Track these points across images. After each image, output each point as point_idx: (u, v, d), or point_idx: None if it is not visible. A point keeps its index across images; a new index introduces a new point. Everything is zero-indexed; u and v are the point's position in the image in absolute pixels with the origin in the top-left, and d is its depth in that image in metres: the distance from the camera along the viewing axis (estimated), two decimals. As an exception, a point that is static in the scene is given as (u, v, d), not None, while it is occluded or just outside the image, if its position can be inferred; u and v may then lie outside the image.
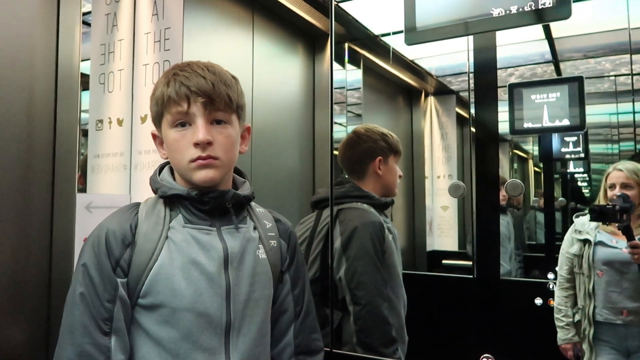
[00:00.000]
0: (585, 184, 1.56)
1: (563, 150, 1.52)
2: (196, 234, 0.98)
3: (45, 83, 1.75)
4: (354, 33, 2.03)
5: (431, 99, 2.18)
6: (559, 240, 1.48)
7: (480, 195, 1.41)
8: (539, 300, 1.44)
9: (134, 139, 1.66)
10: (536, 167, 1.80)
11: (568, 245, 1.44)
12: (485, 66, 1.41)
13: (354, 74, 2.09)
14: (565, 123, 1.41)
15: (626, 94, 1.45)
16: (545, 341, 1.43)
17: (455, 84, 2.14)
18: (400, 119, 2.21)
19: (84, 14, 1.79)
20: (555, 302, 1.42)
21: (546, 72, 1.65)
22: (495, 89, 1.40)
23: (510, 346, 1.36)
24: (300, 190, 2.46)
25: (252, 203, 1.10)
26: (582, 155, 1.50)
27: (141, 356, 0.94)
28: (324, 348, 1.15)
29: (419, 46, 1.50)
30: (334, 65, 1.75)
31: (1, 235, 1.61)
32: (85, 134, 1.79)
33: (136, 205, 1.03)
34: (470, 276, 1.48)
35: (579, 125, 1.40)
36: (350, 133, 1.69)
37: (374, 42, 2.07)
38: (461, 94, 2.12)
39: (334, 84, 1.72)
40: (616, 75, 1.48)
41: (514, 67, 1.65)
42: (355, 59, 2.07)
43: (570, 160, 1.54)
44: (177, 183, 1.02)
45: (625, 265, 1.34)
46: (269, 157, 2.32)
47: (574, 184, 1.58)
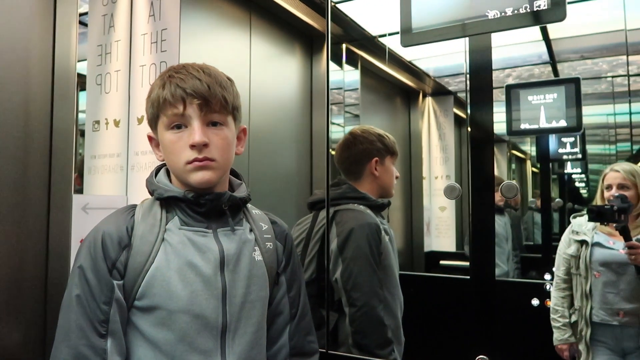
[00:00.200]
0: (582, 184, 1.56)
1: (560, 151, 1.52)
2: (192, 236, 0.98)
3: (41, 84, 1.74)
4: (352, 34, 2.02)
5: (429, 100, 2.18)
6: (556, 241, 1.48)
7: (475, 196, 1.41)
8: (535, 301, 1.44)
9: (131, 140, 1.66)
10: (534, 168, 1.79)
11: (565, 246, 1.45)
12: (481, 67, 1.41)
13: (351, 74, 2.08)
14: (562, 124, 1.41)
15: (623, 95, 1.45)
16: (541, 342, 1.43)
17: (453, 85, 2.14)
18: (398, 119, 2.21)
19: (81, 14, 1.79)
20: (551, 303, 1.42)
21: (543, 73, 1.64)
22: (490, 90, 1.40)
23: (506, 347, 1.36)
24: (298, 191, 2.45)
25: (249, 205, 1.10)
26: (580, 156, 1.50)
27: (137, 358, 0.94)
28: (319, 350, 1.15)
29: (416, 47, 1.50)
30: (332, 66, 1.75)
31: (-2, 236, 1.60)
32: (83, 135, 1.79)
33: (132, 207, 1.03)
34: (466, 277, 1.48)
35: (576, 126, 1.40)
36: (347, 134, 1.69)
37: (371, 43, 2.07)
38: (459, 94, 2.12)
39: (331, 84, 1.72)
40: (613, 77, 1.48)
41: (511, 68, 1.65)
42: (352, 60, 2.07)
43: (567, 161, 1.53)
44: (174, 185, 1.02)
45: (622, 266, 1.34)
46: (267, 158, 2.32)
47: (571, 184, 1.58)
